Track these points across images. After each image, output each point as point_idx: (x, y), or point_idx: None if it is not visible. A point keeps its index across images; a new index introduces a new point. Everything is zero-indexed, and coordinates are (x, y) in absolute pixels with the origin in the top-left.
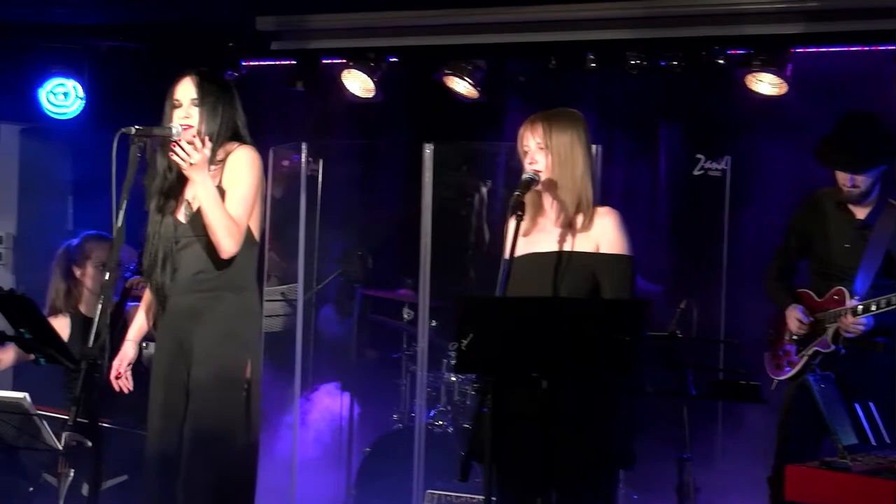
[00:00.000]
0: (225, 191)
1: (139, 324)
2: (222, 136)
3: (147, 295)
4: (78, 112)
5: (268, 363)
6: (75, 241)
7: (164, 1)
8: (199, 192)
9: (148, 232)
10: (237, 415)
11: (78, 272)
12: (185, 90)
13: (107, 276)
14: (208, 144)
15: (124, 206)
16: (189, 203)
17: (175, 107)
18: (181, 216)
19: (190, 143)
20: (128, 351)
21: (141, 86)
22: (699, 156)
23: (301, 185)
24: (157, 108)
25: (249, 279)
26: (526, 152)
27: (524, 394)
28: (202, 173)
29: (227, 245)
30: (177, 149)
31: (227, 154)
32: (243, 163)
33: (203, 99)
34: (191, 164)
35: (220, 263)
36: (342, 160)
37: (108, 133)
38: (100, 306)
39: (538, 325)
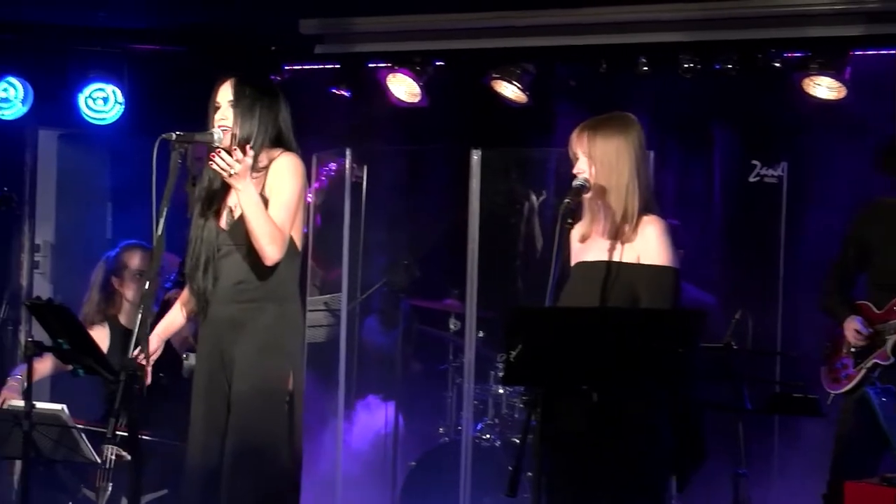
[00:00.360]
0: (268, 198)
1: (171, 318)
2: (261, 139)
3: (185, 294)
4: (117, 117)
5: (310, 375)
6: (114, 252)
7: (206, 4)
8: (241, 200)
9: (190, 236)
10: (279, 428)
11: (117, 282)
12: (224, 93)
13: (146, 286)
14: (249, 153)
15: (165, 214)
16: (231, 210)
17: (215, 109)
18: (223, 223)
19: (230, 151)
20: (150, 342)
21: (181, 91)
22: (755, 162)
23: (345, 191)
24: (198, 113)
25: (292, 289)
26: (576, 159)
27: (574, 407)
28: (244, 181)
29: (272, 252)
30: (217, 159)
31: (271, 161)
32: (286, 170)
33: (239, 101)
34: (231, 174)
35: (262, 273)
36: (387, 166)
37: (148, 139)
38: (139, 317)
39: (589, 335)
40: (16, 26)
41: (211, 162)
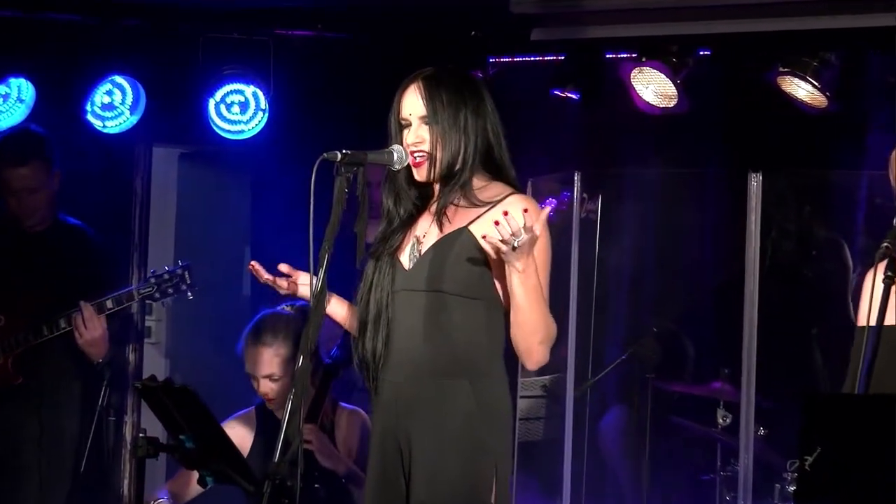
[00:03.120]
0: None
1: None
2: (470, 161)
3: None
4: (259, 129)
5: (522, 484)
6: (250, 326)
7: None
8: (515, 282)
9: (360, 285)
10: None
11: (254, 384)
12: (411, 103)
13: (300, 362)
14: (546, 207)
15: (326, 263)
16: (418, 240)
17: (403, 126)
18: (405, 258)
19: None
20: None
21: (347, 93)
22: None
23: (572, 231)
24: (368, 123)
25: (497, 362)
26: None
27: None
28: (527, 257)
29: (543, 354)
30: (503, 223)
31: (493, 200)
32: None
33: (436, 114)
34: (514, 246)
35: (458, 335)
36: (630, 197)
37: (303, 158)
38: (289, 404)
39: None
40: (125, 7)
41: (485, 236)
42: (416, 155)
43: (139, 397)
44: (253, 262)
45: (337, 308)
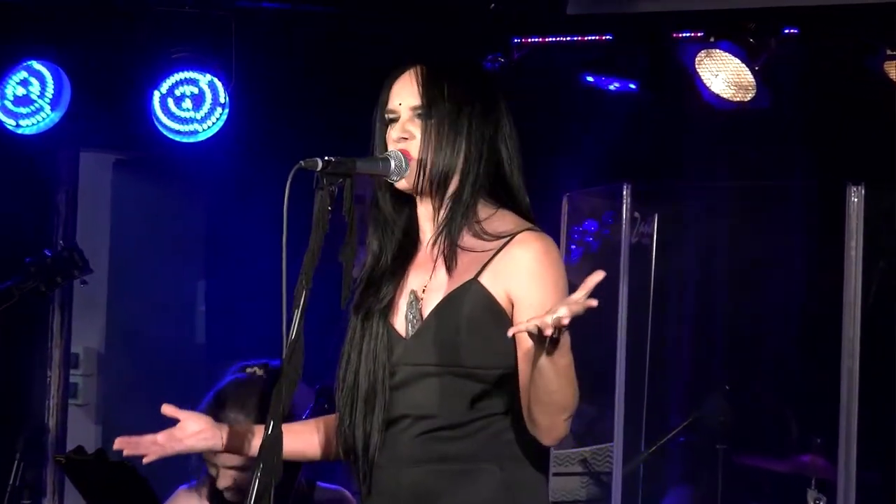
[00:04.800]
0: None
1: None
2: (472, 180)
3: (326, 422)
4: (217, 130)
5: None
6: (211, 394)
7: None
8: (544, 361)
9: (344, 350)
10: None
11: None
12: (403, 91)
13: (270, 429)
14: (593, 277)
15: (303, 303)
16: (416, 297)
17: (389, 120)
18: (401, 321)
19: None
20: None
21: (330, 83)
22: None
23: (620, 262)
24: (358, 123)
25: (525, 442)
26: None
27: None
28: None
29: (566, 430)
30: (570, 310)
31: (502, 236)
32: (543, 272)
33: (433, 106)
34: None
35: (485, 421)
36: (694, 217)
37: (274, 168)
38: (255, 484)
39: None
40: None
41: (517, 329)
42: (403, 149)
43: (62, 474)
44: (166, 408)
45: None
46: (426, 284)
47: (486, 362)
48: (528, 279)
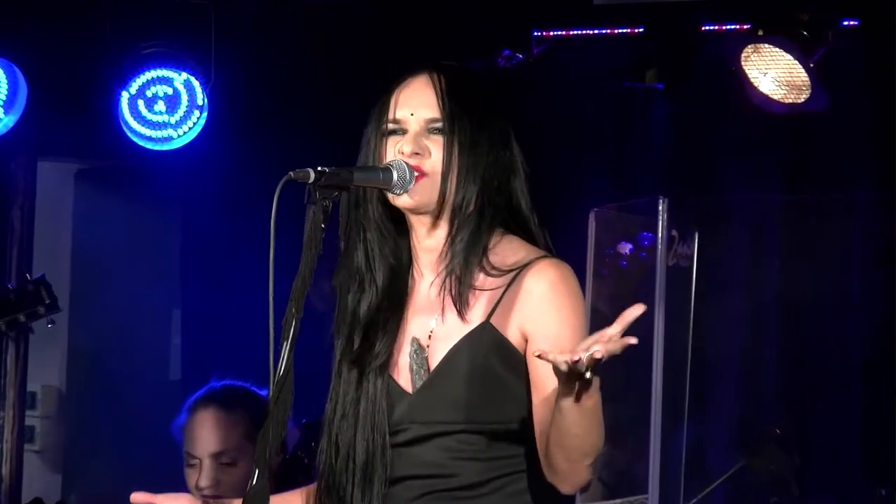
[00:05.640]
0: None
1: None
2: (494, 213)
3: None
4: (194, 136)
5: None
6: (198, 393)
7: None
8: (568, 403)
9: (335, 406)
10: None
11: (189, 474)
12: (419, 99)
13: (254, 480)
14: (632, 310)
15: (293, 333)
16: (420, 345)
17: (392, 131)
18: (403, 378)
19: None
20: None
21: (324, 82)
22: None
23: (655, 287)
24: (357, 129)
25: (546, 488)
26: None
27: None
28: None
29: (587, 476)
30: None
31: (513, 268)
32: (559, 301)
33: (457, 121)
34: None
35: (495, 467)
36: (740, 236)
37: (258, 179)
38: None
39: None
40: None
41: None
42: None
43: None
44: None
45: None
46: (431, 330)
47: (504, 415)
48: (542, 310)
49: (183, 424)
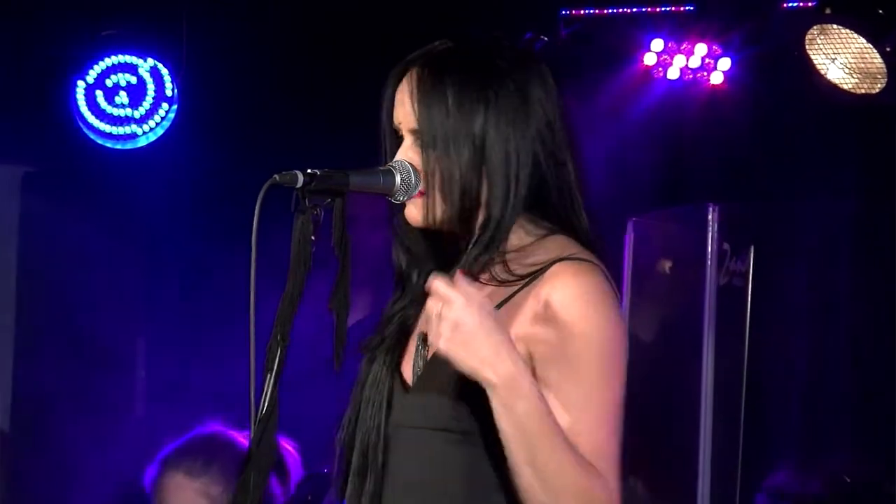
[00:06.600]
0: (543, 374)
1: None
2: (507, 209)
3: None
4: (161, 132)
5: None
6: (170, 447)
7: None
8: (495, 411)
9: (352, 393)
10: None
11: None
12: (402, 108)
13: None
14: (482, 290)
15: (278, 364)
16: (424, 340)
17: (396, 131)
18: (407, 372)
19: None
20: None
21: (314, 71)
22: None
23: (704, 307)
24: (352, 124)
25: None
26: None
27: None
28: (503, 357)
29: None
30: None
31: (529, 272)
32: (587, 312)
33: (431, 127)
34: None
35: (475, 482)
36: (805, 249)
37: (238, 182)
38: None
39: None
40: None
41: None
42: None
43: None
44: None
45: None
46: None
47: (481, 426)
48: (552, 327)
49: (153, 481)
